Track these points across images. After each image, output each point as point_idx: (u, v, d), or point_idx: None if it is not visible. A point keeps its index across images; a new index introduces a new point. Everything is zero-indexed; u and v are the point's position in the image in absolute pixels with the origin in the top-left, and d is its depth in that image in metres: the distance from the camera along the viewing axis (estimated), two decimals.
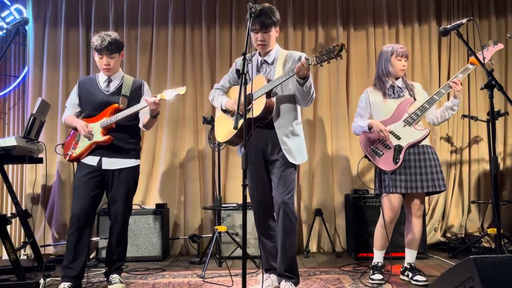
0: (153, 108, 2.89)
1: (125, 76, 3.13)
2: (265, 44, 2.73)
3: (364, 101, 3.15)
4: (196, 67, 4.61)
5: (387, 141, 2.95)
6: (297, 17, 4.62)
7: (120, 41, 3.02)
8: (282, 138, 2.68)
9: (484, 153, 4.47)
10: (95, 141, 2.96)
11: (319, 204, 4.41)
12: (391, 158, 2.92)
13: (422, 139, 2.94)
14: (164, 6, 4.64)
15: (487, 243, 4.17)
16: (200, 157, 4.52)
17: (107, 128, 2.96)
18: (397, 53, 3.04)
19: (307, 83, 2.55)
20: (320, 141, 4.49)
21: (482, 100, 4.51)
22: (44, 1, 4.62)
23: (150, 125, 3.11)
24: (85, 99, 3.07)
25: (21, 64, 4.71)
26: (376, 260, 3.08)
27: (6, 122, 4.66)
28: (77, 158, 3.01)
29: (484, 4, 4.63)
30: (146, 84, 3.19)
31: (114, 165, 2.99)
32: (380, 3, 4.63)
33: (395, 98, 3.04)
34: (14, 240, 4.39)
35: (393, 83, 3.06)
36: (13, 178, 4.52)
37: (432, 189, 2.92)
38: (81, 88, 3.11)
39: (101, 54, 2.97)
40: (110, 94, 3.04)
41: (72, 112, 3.12)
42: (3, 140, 3.14)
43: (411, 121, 2.95)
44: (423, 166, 2.93)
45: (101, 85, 3.07)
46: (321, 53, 2.42)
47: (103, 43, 2.92)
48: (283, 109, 2.71)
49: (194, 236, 4.06)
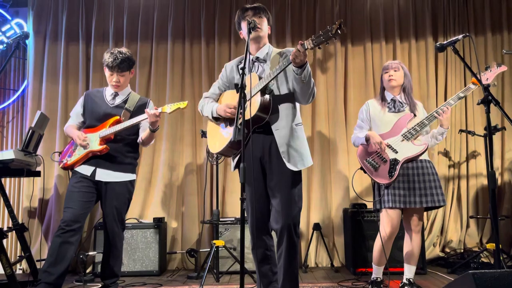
0: (153, 121, 2.88)
1: (132, 93, 3.18)
2: (260, 28, 2.48)
3: (365, 113, 3.15)
4: (195, 81, 4.64)
5: (384, 154, 2.95)
6: (295, 32, 4.67)
7: (132, 59, 3.07)
8: (281, 142, 2.41)
9: (482, 167, 4.48)
10: (91, 150, 2.96)
11: (317, 218, 4.40)
12: (386, 172, 2.92)
13: (419, 155, 2.93)
14: (163, 21, 4.69)
15: (486, 258, 4.15)
16: (198, 171, 4.51)
17: (105, 138, 2.97)
18: (384, 67, 3.14)
19: (305, 71, 2.30)
20: (318, 155, 4.49)
21: (479, 115, 4.54)
22: (45, 15, 4.66)
23: (148, 141, 3.08)
24: (89, 109, 3.11)
25: (21, 77, 4.73)
26: (375, 275, 3.07)
27: (5, 135, 4.66)
28: (71, 166, 3.01)
29: (480, 20, 4.68)
30: (152, 102, 3.20)
31: (108, 177, 2.98)
32: (377, 19, 4.69)
33: (395, 112, 3.05)
34: (10, 254, 4.35)
35: (394, 97, 3.08)
36: (10, 191, 4.51)
37: (432, 204, 2.90)
38: (87, 98, 3.15)
39: (112, 71, 3.02)
40: (114, 106, 3.08)
41: (75, 122, 3.15)
42: (1, 153, 3.13)
43: (409, 136, 2.95)
44: (422, 181, 2.92)
45: (107, 97, 3.12)
46: (317, 35, 2.17)
47: (116, 61, 2.97)
48: (281, 109, 2.45)
49: (191, 250, 4.03)
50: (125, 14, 4.67)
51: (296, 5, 4.71)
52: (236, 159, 2.60)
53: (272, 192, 2.46)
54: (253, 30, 2.38)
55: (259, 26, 2.46)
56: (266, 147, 2.46)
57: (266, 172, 2.49)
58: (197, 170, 4.51)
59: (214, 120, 2.61)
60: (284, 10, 4.69)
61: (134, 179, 3.13)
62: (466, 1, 4.69)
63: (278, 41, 4.62)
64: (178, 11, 4.70)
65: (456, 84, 4.58)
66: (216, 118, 2.59)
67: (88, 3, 4.68)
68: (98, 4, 4.68)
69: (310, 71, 2.35)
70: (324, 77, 4.64)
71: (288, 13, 4.67)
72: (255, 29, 2.42)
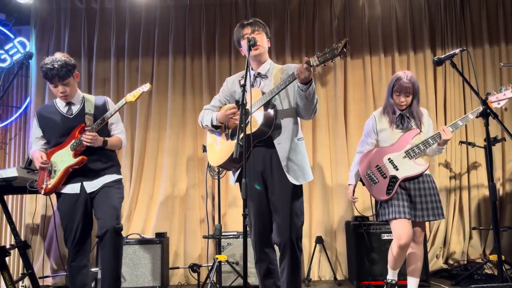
0: (89, 144, 2.72)
1: (86, 96, 2.95)
2: (260, 44, 2.49)
3: (372, 126, 3.07)
4: (196, 96, 4.67)
5: (384, 169, 2.92)
6: (294, 46, 4.72)
7: (70, 63, 2.78)
8: (282, 156, 2.42)
9: (483, 178, 4.48)
10: (69, 165, 2.77)
11: (320, 231, 4.39)
12: (384, 188, 2.88)
13: (419, 175, 2.88)
14: (164, 37, 4.74)
15: (490, 269, 4.13)
16: (200, 185, 4.52)
17: (78, 150, 2.77)
18: (396, 88, 2.94)
19: (310, 88, 2.30)
20: (320, 168, 4.50)
21: (479, 126, 4.54)
22: (47, 33, 4.73)
23: (112, 147, 2.94)
24: (48, 129, 2.89)
25: (23, 95, 4.78)
26: (390, 277, 3.01)
27: (7, 152, 4.69)
28: (54, 188, 2.83)
29: (478, 32, 4.73)
30: (109, 99, 3.00)
31: (97, 185, 2.83)
32: (376, 32, 4.74)
33: (402, 130, 2.96)
34: (12, 271, 4.34)
35: (402, 113, 2.98)
36: (13, 208, 4.52)
37: (433, 218, 2.87)
38: (40, 119, 2.92)
39: (54, 83, 2.77)
40: (73, 117, 2.87)
41: (38, 146, 2.93)
42: (4, 171, 3.15)
43: (412, 155, 2.89)
44: (423, 195, 2.88)
45: (62, 110, 2.89)
46: (323, 52, 2.19)
47: (52, 71, 2.70)
48: (283, 124, 2.47)
49: (194, 265, 4.02)
50: (127, 30, 4.73)
51: (295, 20, 4.77)
52: (237, 173, 2.60)
53: (274, 206, 2.47)
54: (253, 48, 2.40)
55: (258, 43, 2.47)
56: (267, 160, 2.47)
57: (267, 186, 2.49)
58: (198, 184, 4.52)
59: (214, 128, 2.62)
60: (283, 25, 4.74)
61: (121, 178, 2.96)
62: (463, 14, 4.74)
63: (277, 56, 4.67)
64: (178, 27, 4.75)
65: (455, 96, 4.61)
66: (216, 127, 2.60)
67: (90, 20, 4.74)
68: (100, 21, 4.74)
69: (314, 88, 2.37)
70: (324, 90, 4.67)
71: (287, 27, 4.72)
72: (255, 46, 2.44)
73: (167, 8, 4.76)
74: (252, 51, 2.41)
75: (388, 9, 4.76)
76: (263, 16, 4.41)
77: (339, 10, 4.79)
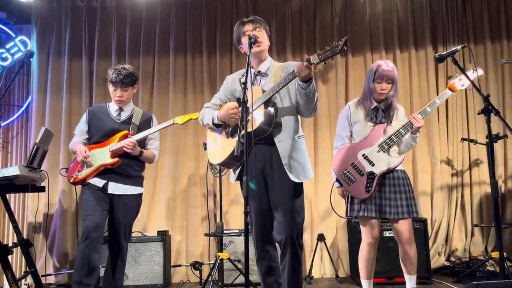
0: (129, 150, 2.97)
1: (135, 108, 3.24)
2: (261, 41, 2.49)
3: (346, 117, 2.93)
4: (197, 94, 4.67)
5: (360, 167, 2.80)
6: (295, 44, 4.71)
7: (135, 75, 3.13)
8: (283, 154, 2.43)
9: (485, 175, 4.47)
10: (103, 163, 3.01)
11: (322, 229, 4.39)
12: (363, 186, 2.77)
13: (396, 167, 2.79)
14: (165, 35, 4.74)
15: (492, 266, 4.13)
16: (201, 183, 4.53)
17: (115, 152, 3.01)
18: (377, 74, 2.80)
19: (311, 86, 2.30)
20: (321, 166, 4.50)
21: (481, 123, 4.54)
22: (49, 32, 4.73)
23: (146, 160, 3.20)
24: (95, 126, 3.14)
25: (25, 93, 4.78)
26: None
27: (9, 151, 4.70)
28: (83, 180, 3.05)
29: (479, 29, 4.71)
30: (154, 117, 3.29)
31: (120, 190, 3.03)
32: (377, 30, 4.73)
33: (376, 123, 2.84)
34: (15, 270, 4.36)
35: (378, 105, 2.85)
36: (15, 207, 4.53)
37: (407, 216, 2.75)
38: (91, 116, 3.18)
39: (115, 87, 3.08)
40: (121, 122, 3.13)
41: (80, 139, 3.18)
42: (6, 170, 3.15)
43: (386, 147, 2.78)
44: (398, 191, 2.78)
45: (113, 113, 3.16)
46: (324, 50, 2.19)
47: (119, 76, 3.04)
48: (284, 122, 2.47)
49: (196, 263, 4.03)
50: (127, 29, 4.73)
51: (296, 17, 4.76)
52: (238, 171, 2.61)
53: (275, 204, 2.48)
54: (254, 45, 2.40)
55: (260, 40, 2.48)
56: (268, 158, 2.47)
57: (268, 184, 2.50)
58: (200, 182, 4.53)
59: (215, 127, 2.63)
60: (284, 22, 4.74)
61: (142, 192, 3.19)
62: (464, 10, 4.73)
63: (278, 53, 4.66)
64: (179, 25, 4.75)
65: (457, 93, 4.58)
66: (217, 125, 2.61)
67: (91, 18, 4.74)
68: (101, 19, 4.74)
69: (315, 86, 2.36)
70: (325, 87, 4.67)
71: (288, 25, 4.72)
72: (256, 44, 2.44)
73: (167, 6, 4.76)
74: (254, 48, 2.41)
75: (389, 6, 4.75)
76: (264, 14, 4.41)
77: (340, 8, 4.78)
